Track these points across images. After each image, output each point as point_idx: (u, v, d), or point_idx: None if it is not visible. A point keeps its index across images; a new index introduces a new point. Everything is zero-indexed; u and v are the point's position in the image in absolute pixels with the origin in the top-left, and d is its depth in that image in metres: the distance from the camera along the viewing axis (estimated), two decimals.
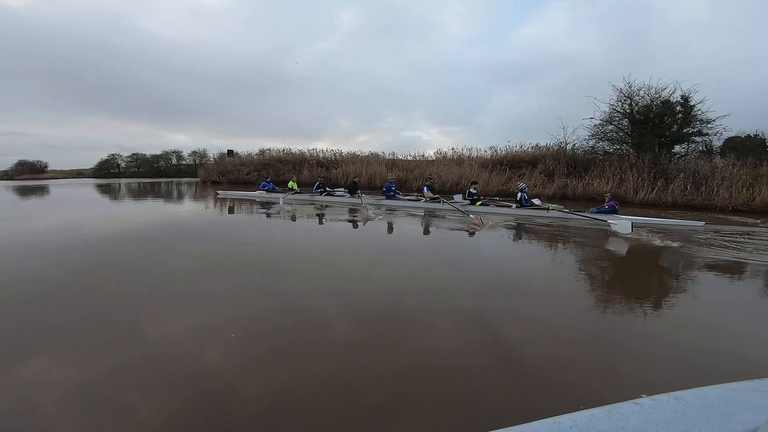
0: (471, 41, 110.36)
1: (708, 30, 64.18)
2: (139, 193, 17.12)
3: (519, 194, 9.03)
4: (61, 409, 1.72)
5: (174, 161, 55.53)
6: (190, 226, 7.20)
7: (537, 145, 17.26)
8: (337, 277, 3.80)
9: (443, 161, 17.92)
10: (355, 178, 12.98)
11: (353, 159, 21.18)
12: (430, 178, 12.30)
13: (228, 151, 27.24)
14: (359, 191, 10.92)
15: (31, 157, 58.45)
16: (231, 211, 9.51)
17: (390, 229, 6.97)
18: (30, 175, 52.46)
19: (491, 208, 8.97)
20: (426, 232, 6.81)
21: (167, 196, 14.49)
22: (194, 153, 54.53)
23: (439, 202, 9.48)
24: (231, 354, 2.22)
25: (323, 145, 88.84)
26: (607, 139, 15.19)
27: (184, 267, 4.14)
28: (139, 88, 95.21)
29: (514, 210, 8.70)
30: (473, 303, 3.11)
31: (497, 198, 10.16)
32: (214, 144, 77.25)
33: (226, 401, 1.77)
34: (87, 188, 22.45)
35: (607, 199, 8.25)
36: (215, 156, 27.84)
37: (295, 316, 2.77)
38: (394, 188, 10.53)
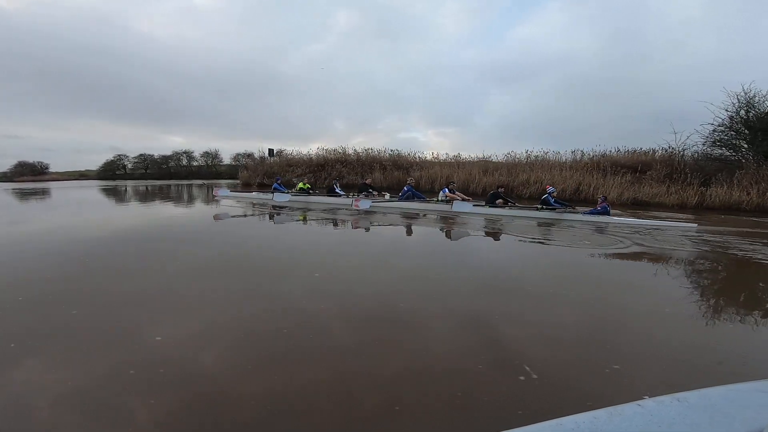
0: (466, 42, 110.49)
1: (703, 29, 64.64)
2: (157, 197, 15.61)
3: (546, 196, 8.87)
4: (56, 413, 1.70)
5: (185, 162, 53.09)
6: (188, 229, 7.10)
7: (633, 150, 16.40)
8: (334, 279, 3.71)
9: (552, 165, 16.59)
10: (366, 180, 12.30)
11: (440, 162, 19.59)
12: (452, 182, 12.03)
13: (269, 150, 25.60)
14: (371, 192, 10.85)
15: (25, 160, 54.91)
16: (274, 217, 9.07)
17: (390, 231, 6.89)
18: (30, 177, 49.45)
19: (512, 211, 8.94)
20: (426, 233, 6.74)
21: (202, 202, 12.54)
22: (206, 154, 52.45)
23: (449, 202, 9.39)
24: (226, 357, 2.18)
25: (317, 146, 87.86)
26: (725, 146, 14.40)
27: (180, 269, 4.05)
28: (133, 90, 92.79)
29: (536, 213, 8.62)
30: (471, 304, 3.07)
31: (511, 201, 10.03)
32: (212, 146, 75.13)
33: (221, 405, 1.74)
34: (91, 191, 20.51)
35: (599, 201, 8.34)
36: (257, 156, 25.98)
37: (291, 319, 2.71)
38: (412, 191, 10.50)
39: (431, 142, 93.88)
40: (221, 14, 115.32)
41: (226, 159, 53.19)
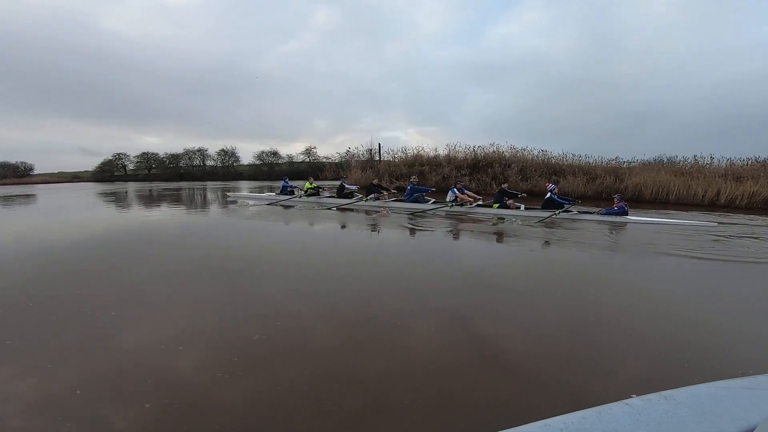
0: (446, 40, 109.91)
1: (673, 31, 66.57)
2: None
3: (549, 194, 8.22)
4: (26, 422, 1.62)
5: (197, 162, 45.87)
6: (173, 230, 6.81)
7: None
8: (317, 279, 3.60)
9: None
10: (374, 179, 11.58)
11: (663, 167, 14.22)
12: (461, 181, 11.48)
13: (379, 145, 20.57)
14: (377, 193, 10.33)
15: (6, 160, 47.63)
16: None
17: (380, 230, 6.67)
18: (14, 180, 42.43)
19: (509, 211, 8.38)
20: (414, 232, 6.43)
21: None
22: (222, 152, 45.28)
23: (462, 205, 8.79)
24: (206, 362, 2.10)
25: (300, 146, 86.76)
26: None
27: (160, 271, 3.91)
28: (103, 90, 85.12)
29: (522, 212, 8.22)
30: (457, 302, 3.01)
31: (513, 200, 9.17)
32: (189, 146, 65.89)
33: (201, 411, 1.67)
34: (91, 198, 15.81)
35: (616, 201, 7.75)
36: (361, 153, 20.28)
37: (273, 320, 2.64)
38: (416, 189, 9.76)
39: (413, 141, 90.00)
40: (195, 12, 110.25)
41: (245, 159, 46.40)
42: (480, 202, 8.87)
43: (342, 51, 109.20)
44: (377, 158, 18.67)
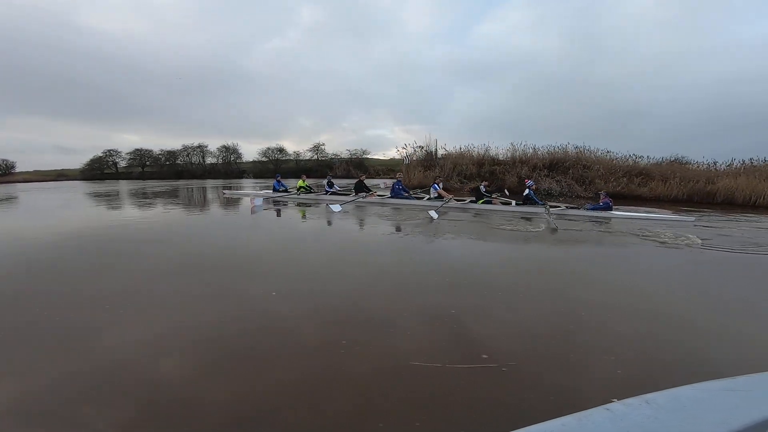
0: (433, 38, 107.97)
1: (658, 28, 65.54)
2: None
3: (527, 191, 8.64)
4: (10, 422, 1.57)
5: (195, 159, 42.30)
6: (157, 228, 6.65)
7: None
8: (304, 277, 3.57)
9: None
10: (361, 176, 11.49)
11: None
12: (439, 177, 11.96)
13: (435, 140, 18.45)
14: (366, 190, 10.55)
15: None
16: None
17: (369, 226, 6.70)
18: None
19: (493, 206, 8.71)
20: (402, 229, 6.43)
21: None
22: (224, 148, 41.81)
23: (442, 199, 9.24)
24: (190, 361, 2.06)
25: (286, 144, 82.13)
26: None
27: (145, 269, 3.87)
28: (80, 87, 79.14)
29: (513, 207, 8.53)
30: (444, 301, 2.98)
31: (497, 194, 9.46)
32: (168, 144, 67.58)
33: (184, 412, 1.63)
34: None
35: (601, 197, 8.29)
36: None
37: (258, 319, 2.61)
38: (401, 187, 10.18)
39: (399, 139, 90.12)
40: (176, 8, 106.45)
41: (248, 155, 43.07)
42: (452, 197, 9.28)
43: (328, 49, 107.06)
44: (436, 156, 15.71)
